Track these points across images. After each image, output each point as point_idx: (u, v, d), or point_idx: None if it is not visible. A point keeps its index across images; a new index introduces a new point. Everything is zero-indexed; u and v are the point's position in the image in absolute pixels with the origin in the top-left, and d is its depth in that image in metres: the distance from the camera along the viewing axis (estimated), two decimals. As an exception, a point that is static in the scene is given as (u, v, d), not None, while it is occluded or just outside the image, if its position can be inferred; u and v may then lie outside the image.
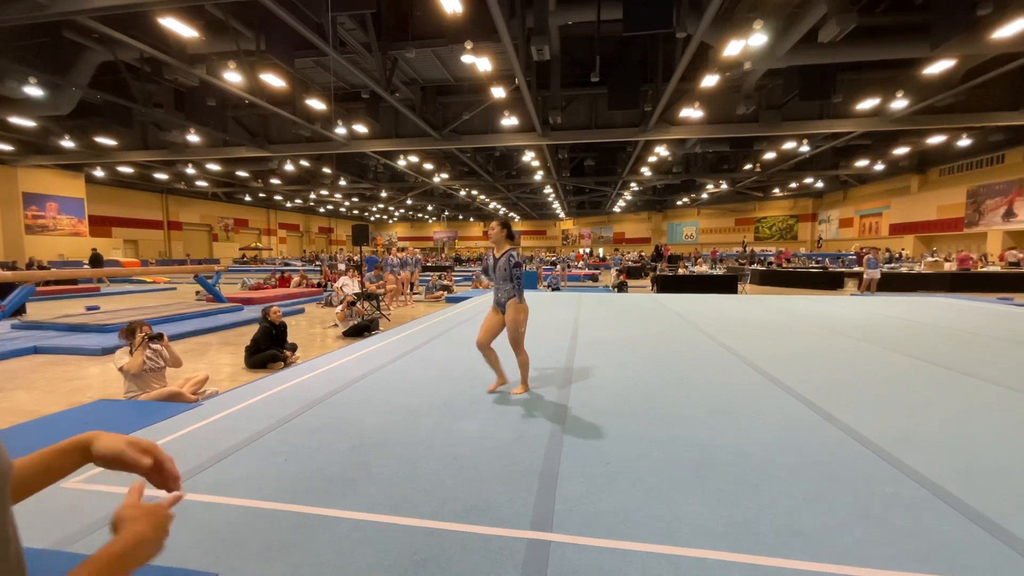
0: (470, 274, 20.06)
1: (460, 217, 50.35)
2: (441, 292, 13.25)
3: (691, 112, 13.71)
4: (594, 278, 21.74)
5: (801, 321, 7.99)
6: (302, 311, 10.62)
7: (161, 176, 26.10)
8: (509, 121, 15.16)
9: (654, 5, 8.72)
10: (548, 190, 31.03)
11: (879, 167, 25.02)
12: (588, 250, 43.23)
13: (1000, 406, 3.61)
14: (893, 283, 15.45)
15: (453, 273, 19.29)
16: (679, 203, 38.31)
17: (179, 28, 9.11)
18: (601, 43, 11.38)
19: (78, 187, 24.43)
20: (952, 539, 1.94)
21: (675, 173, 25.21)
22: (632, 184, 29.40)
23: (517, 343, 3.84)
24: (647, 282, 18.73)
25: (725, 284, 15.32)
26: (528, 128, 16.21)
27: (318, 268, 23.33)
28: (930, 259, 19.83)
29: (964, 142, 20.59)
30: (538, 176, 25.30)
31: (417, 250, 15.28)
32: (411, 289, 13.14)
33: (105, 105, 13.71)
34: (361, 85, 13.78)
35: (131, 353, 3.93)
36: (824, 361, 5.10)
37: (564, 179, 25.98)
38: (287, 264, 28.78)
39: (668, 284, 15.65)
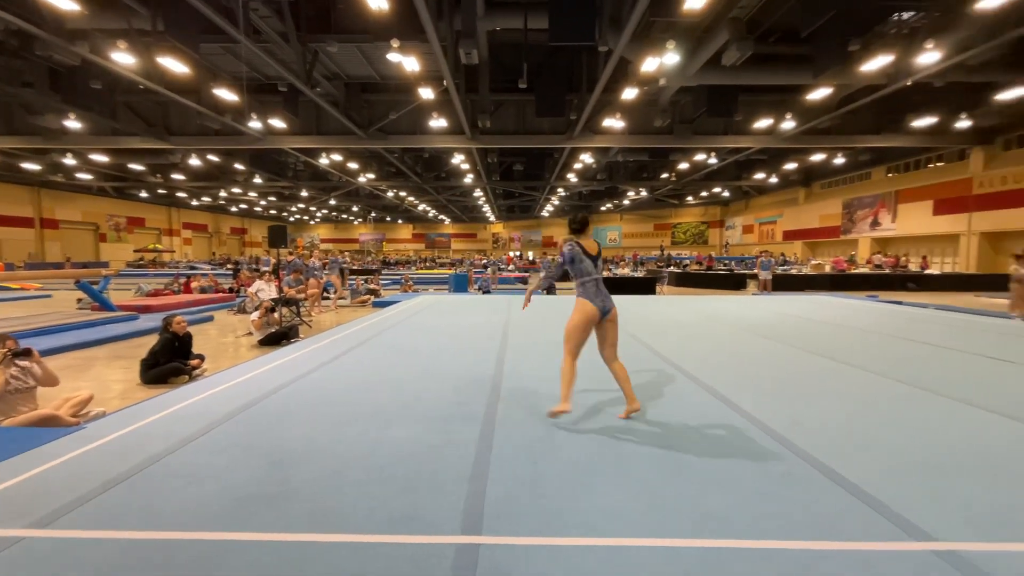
0: (399, 277, 19.54)
1: (388, 219, 48.89)
2: (368, 296, 12.77)
3: (613, 122, 14.44)
4: (524, 281, 22.10)
5: (710, 319, 8.71)
6: (211, 319, 9.73)
7: (32, 166, 22.60)
8: (438, 123, 15.01)
9: (578, 18, 9.09)
10: (478, 193, 31.11)
11: (773, 180, 28.02)
12: (518, 253, 43.87)
13: (870, 390, 4.18)
14: (785, 283, 17.34)
15: (380, 276, 18.66)
16: (603, 208, 40.13)
17: (55, -1, 7.98)
18: (529, 51, 11.66)
19: (-83, 176, 20.49)
20: (833, 509, 2.20)
21: (599, 180, 26.40)
22: (560, 189, 30.34)
23: (566, 345, 3.32)
24: (574, 284, 19.39)
25: (645, 286, 16.30)
26: (457, 131, 16.15)
27: (230, 272, 21.49)
28: (814, 262, 22.49)
29: (839, 160, 23.68)
30: (468, 179, 25.27)
31: (347, 253, 14.57)
32: (335, 292, 12.54)
33: (-45, 81, 11.66)
34: (278, 77, 12.92)
35: (-9, 372, 3.37)
36: (730, 356, 5.59)
37: (493, 183, 26.22)
38: (193, 267, 26.19)
39: (594, 286, 16.27)
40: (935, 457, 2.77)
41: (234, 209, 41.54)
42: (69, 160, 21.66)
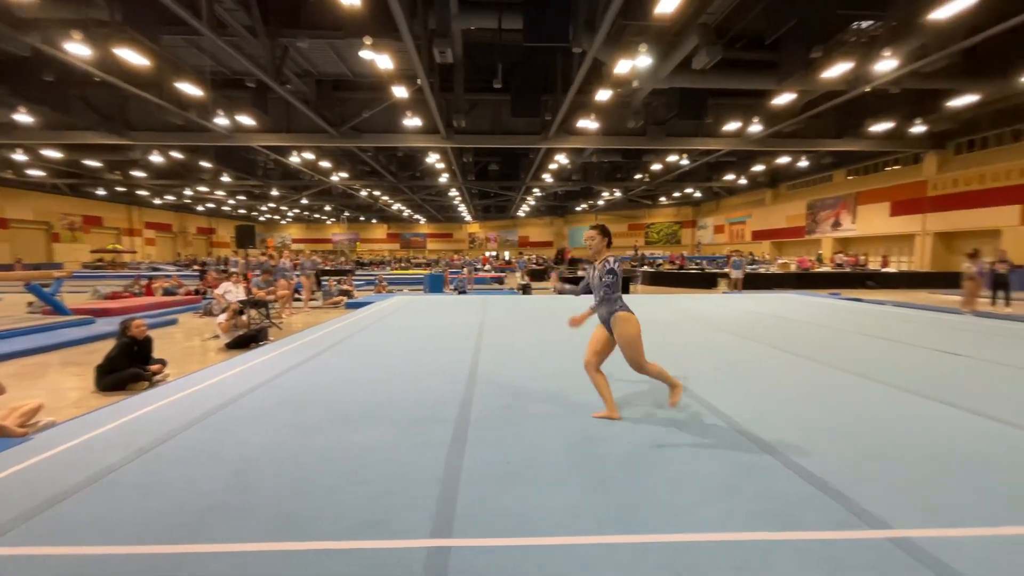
0: (373, 278, 19.26)
1: (362, 218, 48.10)
2: (340, 298, 12.54)
3: (588, 123, 14.57)
4: (500, 281, 22.10)
5: (683, 317, 8.89)
6: (175, 322, 9.37)
7: (-23, 162, 21.29)
8: (412, 122, 14.85)
9: (552, 20, 9.14)
10: (454, 192, 30.93)
11: (743, 181, 28.82)
12: (495, 253, 43.84)
13: (831, 384, 4.34)
14: (754, 282, 17.86)
15: (354, 277, 18.34)
16: (578, 209, 40.50)
17: (1, -15, 7.54)
18: (504, 52, 11.67)
19: None
20: (795, 500, 2.28)
21: (574, 180, 26.63)
22: (535, 190, 30.45)
23: (638, 364, 3.27)
24: (550, 284, 19.50)
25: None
26: (432, 130, 16.02)
27: (197, 274, 20.75)
28: (781, 261, 23.24)
29: (804, 163, 24.52)
30: (443, 179, 25.10)
31: (317, 255, 14.22)
32: (311, 294, 12.26)
33: None
34: (245, 72, 12.55)
35: (-73, 381, 3.15)
36: (701, 353, 5.72)
37: (469, 182, 26.11)
38: (156, 269, 25.16)
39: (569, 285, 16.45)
40: (890, 447, 2.89)
41: (200, 208, 40.12)
42: (19, 156, 20.50)
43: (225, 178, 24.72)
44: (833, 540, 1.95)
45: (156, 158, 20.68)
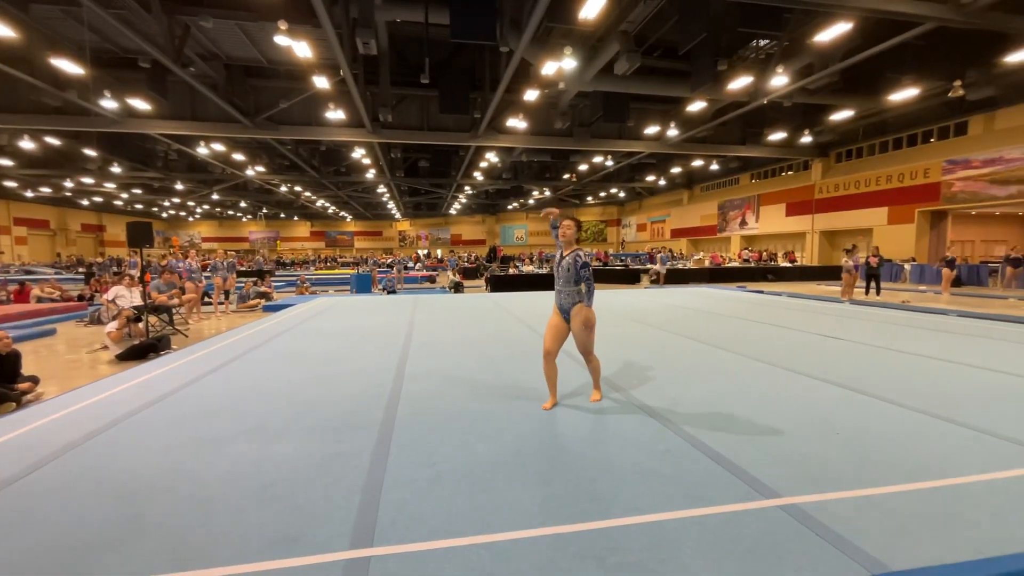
0: (294, 279, 18.14)
1: (282, 215, 45.08)
2: (257, 300, 11.67)
3: (517, 123, 14.74)
4: (432, 279, 21.75)
5: (607, 312, 9.28)
6: (53, 332, 8.21)
7: None
8: (335, 114, 14.17)
9: (479, 16, 9.10)
10: (382, 189, 29.96)
11: (662, 182, 30.69)
12: (426, 251, 43.07)
13: (736, 369, 4.74)
14: (673, 277, 19.12)
15: (273, 278, 17.16)
16: (510, 207, 40.90)
17: None
18: (431, 47, 11.45)
19: None
20: (703, 478, 2.46)
21: (505, 179, 26.84)
22: (466, 187, 30.30)
23: (588, 351, 3.57)
24: (482, 282, 19.52)
25: (549, 282, 16.90)
26: (357, 124, 15.41)
27: (81, 276, 18.33)
28: (696, 257, 25.06)
29: (715, 167, 26.63)
30: (370, 174, 24.21)
31: (232, 252, 13.09)
32: (226, 297, 11.29)
33: None
34: (139, 51, 11.25)
35: None
36: (621, 345, 6.00)
37: (398, 179, 25.42)
38: (29, 272, 21.88)
39: (500, 283, 16.58)
40: (779, 422, 3.21)
41: (86, 203, 35.42)
42: None
43: (116, 169, 22.03)
44: (733, 512, 2.14)
45: (27, 144, 17.94)
